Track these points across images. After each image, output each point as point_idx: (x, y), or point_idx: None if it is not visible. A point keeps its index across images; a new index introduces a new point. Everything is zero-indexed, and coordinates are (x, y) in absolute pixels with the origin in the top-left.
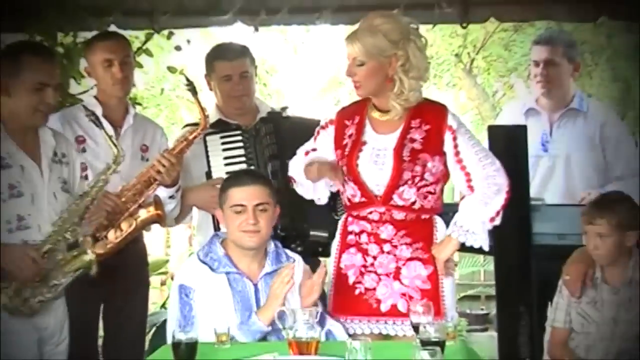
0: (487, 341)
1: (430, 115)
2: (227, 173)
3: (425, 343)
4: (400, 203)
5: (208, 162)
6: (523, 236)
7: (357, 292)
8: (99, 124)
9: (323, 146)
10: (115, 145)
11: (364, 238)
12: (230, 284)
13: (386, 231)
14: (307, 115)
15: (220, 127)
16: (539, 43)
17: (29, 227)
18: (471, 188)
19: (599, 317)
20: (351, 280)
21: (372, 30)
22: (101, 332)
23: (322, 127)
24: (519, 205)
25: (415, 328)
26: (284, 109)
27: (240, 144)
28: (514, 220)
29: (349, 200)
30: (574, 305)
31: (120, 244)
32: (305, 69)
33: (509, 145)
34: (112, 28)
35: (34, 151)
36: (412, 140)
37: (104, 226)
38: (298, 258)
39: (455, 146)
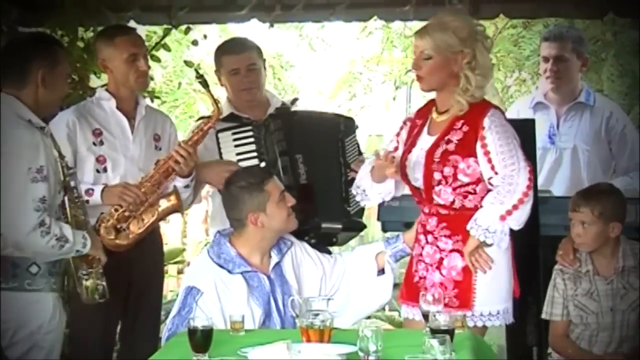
0: (495, 330)
1: (471, 117)
2: None
3: (434, 331)
4: (441, 202)
5: (220, 158)
6: (531, 227)
7: (415, 279)
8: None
9: (402, 141)
10: None
11: (419, 229)
12: (247, 282)
13: (431, 223)
14: (317, 110)
15: (232, 121)
16: (549, 39)
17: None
18: (492, 185)
19: (597, 307)
20: (413, 268)
21: (442, 26)
22: None
23: (404, 122)
24: None
25: (425, 316)
26: (294, 101)
27: (252, 139)
28: None
29: None
30: (570, 298)
31: (142, 234)
32: (320, 64)
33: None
34: (131, 23)
35: None
36: (448, 142)
37: (125, 217)
38: (294, 240)
39: (484, 146)
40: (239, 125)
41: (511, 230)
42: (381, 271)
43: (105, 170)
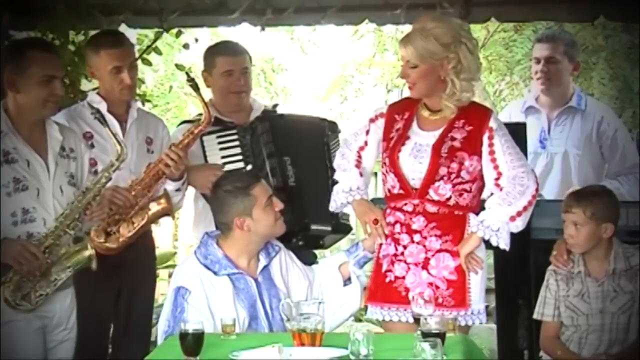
0: (486, 333)
1: (474, 117)
2: (226, 171)
3: (426, 334)
4: (436, 198)
5: (205, 161)
6: (522, 231)
7: (387, 280)
8: (103, 122)
9: (373, 140)
10: (120, 143)
11: (397, 228)
12: (233, 284)
13: (417, 222)
14: (309, 113)
15: (215, 124)
16: (541, 41)
17: (33, 220)
18: (498, 187)
19: (587, 308)
20: (384, 268)
21: (424, 34)
22: None
23: (372, 120)
24: None
25: (417, 320)
26: (274, 106)
27: (237, 143)
28: None
29: (389, 191)
30: (562, 299)
31: (132, 237)
32: (312, 67)
33: None
34: (122, 27)
35: (40, 146)
36: (453, 139)
37: (115, 221)
38: (282, 246)
39: (491, 145)
40: (223, 128)
41: None
42: (347, 281)
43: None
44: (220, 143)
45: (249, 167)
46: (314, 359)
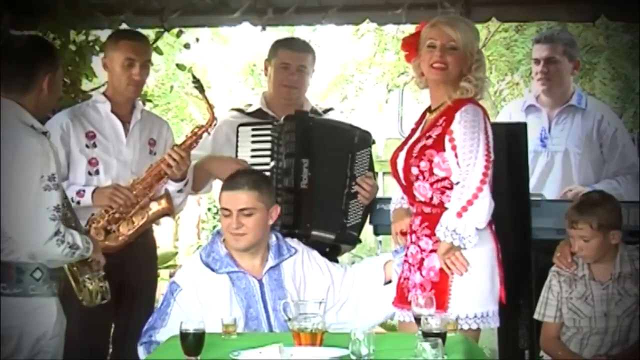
0: (487, 333)
1: (450, 112)
2: (251, 165)
3: (426, 334)
4: (422, 198)
5: (236, 151)
6: (522, 231)
7: (401, 280)
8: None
9: None
10: None
11: (408, 229)
12: (233, 283)
13: (415, 222)
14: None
15: (258, 117)
16: (540, 41)
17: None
18: (452, 182)
19: (590, 311)
20: (400, 269)
21: (470, 26)
22: None
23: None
24: (518, 200)
25: (417, 320)
26: (327, 110)
27: (269, 139)
28: (514, 215)
29: None
30: (564, 300)
31: (131, 236)
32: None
33: (509, 141)
34: (123, 26)
35: None
36: (428, 138)
37: (115, 219)
38: (301, 248)
39: (452, 140)
40: (261, 122)
41: (503, 234)
42: (389, 282)
43: (97, 172)
44: (253, 136)
45: (272, 163)
46: (314, 359)
